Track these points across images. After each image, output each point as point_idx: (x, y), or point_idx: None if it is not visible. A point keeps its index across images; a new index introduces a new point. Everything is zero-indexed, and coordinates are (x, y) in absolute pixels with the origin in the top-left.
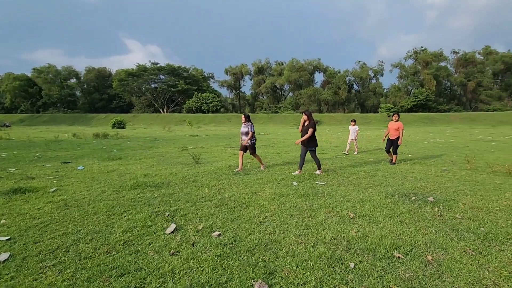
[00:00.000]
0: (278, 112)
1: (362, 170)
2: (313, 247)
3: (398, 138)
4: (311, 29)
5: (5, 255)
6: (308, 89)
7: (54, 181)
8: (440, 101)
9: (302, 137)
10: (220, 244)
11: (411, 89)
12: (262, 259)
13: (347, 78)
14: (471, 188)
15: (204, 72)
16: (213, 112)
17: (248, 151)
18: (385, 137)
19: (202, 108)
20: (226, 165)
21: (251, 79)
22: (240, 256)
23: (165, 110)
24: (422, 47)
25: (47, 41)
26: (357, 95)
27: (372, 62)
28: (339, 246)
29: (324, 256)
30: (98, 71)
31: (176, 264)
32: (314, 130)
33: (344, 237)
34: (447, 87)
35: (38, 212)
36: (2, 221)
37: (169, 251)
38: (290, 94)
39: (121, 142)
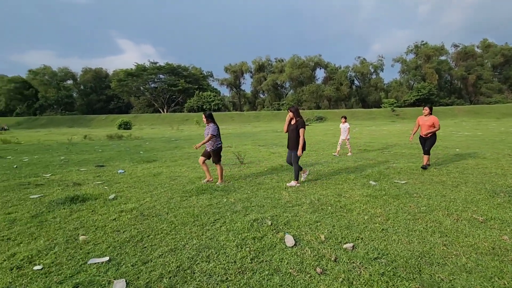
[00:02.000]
0: (281, 110)
1: (430, 167)
2: (479, 259)
3: (433, 135)
4: (305, 27)
5: (120, 283)
6: (310, 86)
7: (105, 187)
8: (442, 95)
9: (289, 138)
10: (371, 259)
11: (413, 84)
12: (438, 278)
13: (348, 74)
14: None
15: (202, 70)
16: (214, 110)
17: (211, 158)
18: (413, 134)
19: (204, 107)
20: (277, 165)
21: (251, 77)
22: (409, 275)
23: (165, 110)
24: (422, 41)
25: (38, 43)
26: (358, 91)
27: (366, 58)
28: (510, 258)
29: (509, 272)
30: (95, 71)
31: (341, 287)
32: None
33: (502, 246)
34: (447, 81)
35: (117, 224)
36: (81, 236)
37: (314, 269)
38: (291, 91)
39: (139, 143)
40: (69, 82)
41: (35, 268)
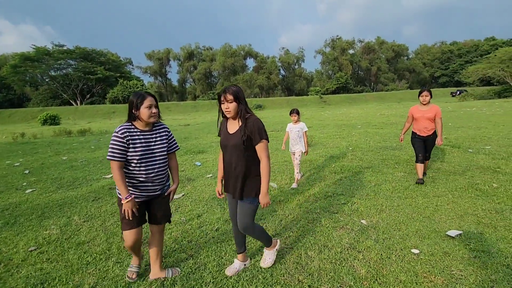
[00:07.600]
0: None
1: None
2: None
3: (434, 133)
4: (219, 17)
5: None
6: (244, 75)
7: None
8: (354, 83)
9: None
10: None
11: (332, 73)
12: None
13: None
14: None
15: (119, 56)
16: None
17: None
18: (404, 133)
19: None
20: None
21: (180, 65)
22: None
23: (78, 102)
24: (337, 36)
25: None
26: (284, 80)
27: (275, 50)
28: None
29: None
30: None
31: None
32: None
33: None
34: (356, 71)
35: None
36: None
37: None
38: (219, 80)
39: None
40: None
41: None
